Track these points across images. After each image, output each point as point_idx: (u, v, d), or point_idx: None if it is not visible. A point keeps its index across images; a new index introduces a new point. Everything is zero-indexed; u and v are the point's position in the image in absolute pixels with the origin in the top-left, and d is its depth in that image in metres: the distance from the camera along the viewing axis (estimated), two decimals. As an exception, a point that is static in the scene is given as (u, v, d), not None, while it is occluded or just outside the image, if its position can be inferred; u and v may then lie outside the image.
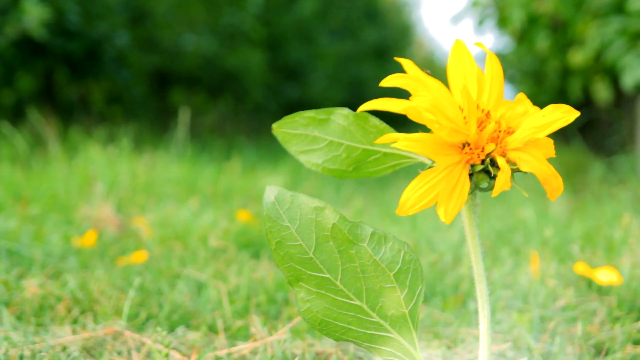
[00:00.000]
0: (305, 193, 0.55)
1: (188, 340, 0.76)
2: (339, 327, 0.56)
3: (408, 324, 0.55)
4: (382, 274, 0.54)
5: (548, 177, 0.55)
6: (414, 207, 0.53)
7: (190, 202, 1.27)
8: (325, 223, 0.54)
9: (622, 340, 0.78)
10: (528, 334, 0.79)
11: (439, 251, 1.06)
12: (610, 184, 2.12)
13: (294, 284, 0.55)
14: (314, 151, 0.60)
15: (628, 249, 1.05)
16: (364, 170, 0.60)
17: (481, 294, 0.56)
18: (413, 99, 0.54)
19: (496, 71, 0.58)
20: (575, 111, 0.56)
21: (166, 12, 3.92)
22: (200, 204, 1.32)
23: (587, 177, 2.34)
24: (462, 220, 0.58)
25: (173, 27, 4.05)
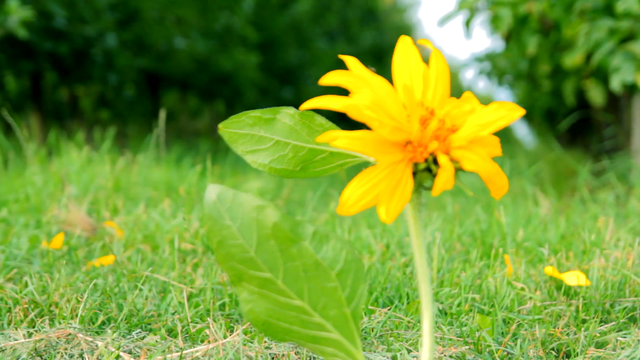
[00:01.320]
0: (290, 197, 0.54)
1: (145, 344, 0.75)
2: (282, 328, 0.55)
3: (350, 324, 0.54)
4: (323, 273, 0.53)
5: (492, 176, 0.54)
6: (355, 206, 0.52)
7: (165, 204, 1.26)
8: (266, 222, 0.53)
9: (585, 343, 0.77)
10: (490, 337, 0.78)
11: (409, 254, 1.05)
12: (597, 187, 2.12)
13: (236, 284, 0.55)
14: (260, 151, 0.59)
15: (600, 252, 1.04)
16: (312, 170, 0.60)
17: (425, 295, 0.55)
18: (354, 97, 0.53)
19: (441, 68, 0.58)
20: (520, 109, 0.55)
21: (157, 14, 3.92)
22: (175, 206, 1.32)
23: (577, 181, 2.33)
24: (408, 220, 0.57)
25: (164, 29, 4.05)
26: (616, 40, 2.02)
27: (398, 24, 11.31)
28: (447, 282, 0.94)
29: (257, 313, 0.54)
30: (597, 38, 2.10)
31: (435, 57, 0.57)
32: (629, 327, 0.82)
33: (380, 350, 0.76)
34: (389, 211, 0.52)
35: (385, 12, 10.68)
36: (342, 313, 0.54)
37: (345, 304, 0.54)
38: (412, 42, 0.57)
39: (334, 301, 0.53)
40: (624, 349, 0.76)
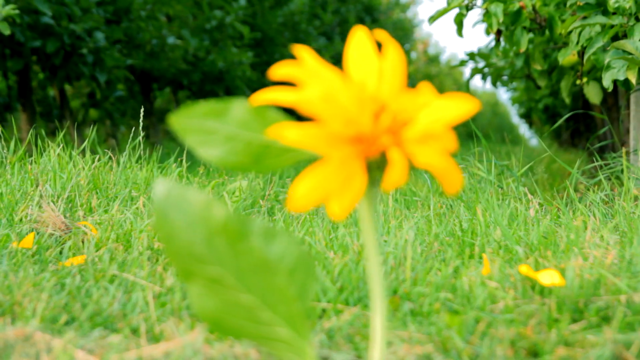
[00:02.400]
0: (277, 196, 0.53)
1: (107, 343, 0.73)
2: (233, 325, 0.54)
3: (300, 321, 0.53)
4: (272, 270, 0.52)
5: (444, 171, 0.53)
6: (304, 201, 0.51)
7: (140, 203, 1.25)
8: (215, 218, 0.52)
9: (555, 342, 0.76)
10: (458, 336, 0.77)
11: (385, 253, 1.03)
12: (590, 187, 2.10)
13: (186, 281, 0.53)
14: (212, 144, 0.58)
15: (578, 252, 1.03)
16: (265, 164, 0.58)
17: (376, 293, 0.53)
18: (304, 90, 0.52)
19: (396, 61, 0.56)
20: (475, 100, 0.54)
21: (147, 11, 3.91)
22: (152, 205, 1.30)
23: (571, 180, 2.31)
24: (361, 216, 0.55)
25: (155, 27, 4.03)
26: (608, 38, 2.01)
27: (398, 22, 11.28)
28: (421, 281, 0.93)
29: (208, 310, 0.53)
30: (589, 35, 2.09)
31: (390, 50, 0.55)
32: (601, 326, 0.81)
33: (347, 350, 0.75)
34: (341, 207, 0.51)
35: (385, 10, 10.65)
36: (292, 310, 0.52)
37: (295, 301, 0.52)
38: (367, 34, 0.56)
39: (284, 298, 0.52)
40: (594, 348, 0.75)
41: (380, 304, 0.53)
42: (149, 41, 4.03)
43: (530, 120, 8.57)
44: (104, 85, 3.64)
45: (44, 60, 3.38)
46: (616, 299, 0.86)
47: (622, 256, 1.02)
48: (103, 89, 3.72)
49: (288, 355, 0.53)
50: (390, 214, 1.48)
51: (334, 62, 8.23)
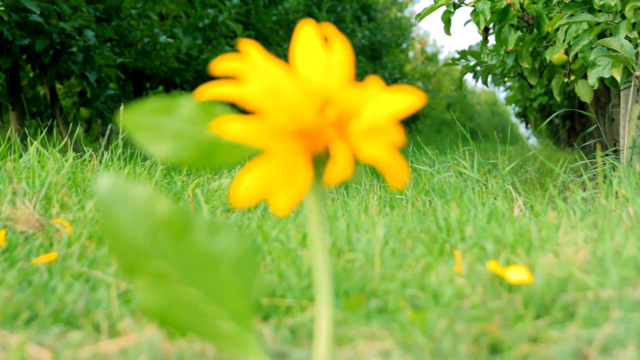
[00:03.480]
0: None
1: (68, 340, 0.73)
2: (179, 320, 0.53)
3: (245, 316, 0.53)
4: (216, 263, 0.52)
5: (389, 165, 0.53)
6: (248, 196, 0.51)
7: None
8: (159, 213, 0.52)
9: (518, 338, 0.76)
10: (421, 332, 0.76)
11: (357, 250, 1.03)
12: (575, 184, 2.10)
13: (131, 276, 0.53)
14: (161, 140, 0.58)
15: (550, 249, 1.03)
16: (214, 160, 0.58)
17: (322, 289, 0.53)
18: (248, 83, 0.52)
19: (343, 55, 0.56)
20: (420, 94, 0.54)
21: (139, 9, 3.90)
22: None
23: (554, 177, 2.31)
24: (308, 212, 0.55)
25: (147, 25, 4.03)
26: (594, 35, 2.00)
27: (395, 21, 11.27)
28: (389, 277, 0.93)
29: (153, 304, 0.53)
30: (576, 33, 2.09)
31: (337, 43, 0.55)
32: (566, 322, 0.81)
33: (308, 346, 0.75)
34: (285, 201, 0.51)
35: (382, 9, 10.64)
36: (237, 304, 0.52)
37: (239, 295, 0.52)
38: (314, 29, 0.56)
39: (229, 292, 0.52)
40: (556, 344, 0.75)
41: (326, 300, 0.53)
42: (141, 39, 4.02)
43: (526, 119, 8.57)
44: (95, 83, 3.63)
45: (33, 58, 3.37)
46: (583, 295, 0.86)
47: (594, 253, 1.01)
48: (94, 88, 3.71)
49: (233, 350, 0.53)
50: (373, 212, 1.48)
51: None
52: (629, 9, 1.86)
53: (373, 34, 10.01)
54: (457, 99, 16.19)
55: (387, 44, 10.56)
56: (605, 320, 0.79)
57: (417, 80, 13.32)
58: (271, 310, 0.84)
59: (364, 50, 9.59)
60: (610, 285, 0.87)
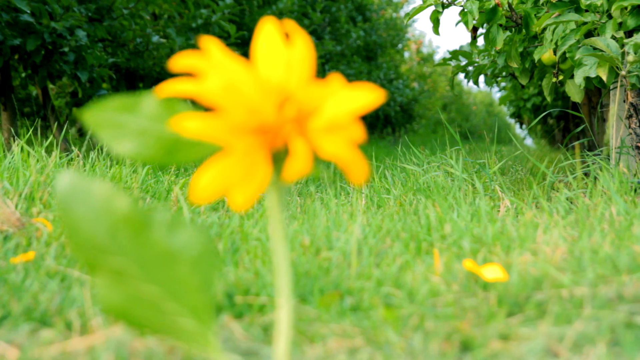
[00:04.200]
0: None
1: (36, 338, 0.73)
2: (139, 317, 0.53)
3: (204, 312, 0.53)
4: (175, 260, 0.52)
5: (349, 162, 0.53)
6: (207, 193, 0.51)
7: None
8: (119, 210, 0.52)
9: (489, 336, 0.76)
10: (393, 330, 0.76)
11: (335, 248, 1.03)
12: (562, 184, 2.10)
13: (91, 273, 0.53)
14: (124, 138, 0.58)
15: (527, 247, 1.03)
16: (178, 157, 0.58)
17: (283, 288, 0.53)
18: (206, 80, 0.52)
19: (304, 52, 0.56)
20: (379, 90, 0.54)
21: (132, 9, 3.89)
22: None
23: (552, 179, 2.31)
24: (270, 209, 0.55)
25: (140, 25, 4.02)
26: (581, 35, 2.01)
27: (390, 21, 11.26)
28: (366, 276, 0.93)
29: (113, 301, 0.53)
30: (563, 33, 2.09)
31: (298, 40, 0.55)
32: (538, 320, 0.81)
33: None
34: (243, 198, 0.51)
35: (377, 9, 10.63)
36: (196, 300, 0.52)
37: (198, 291, 0.52)
38: (275, 25, 0.56)
39: (188, 288, 0.52)
40: (527, 342, 0.75)
41: (286, 297, 0.53)
42: (133, 40, 4.02)
43: (520, 119, 8.58)
44: (87, 84, 3.62)
45: (25, 58, 3.37)
46: (557, 293, 0.86)
47: (571, 252, 1.01)
48: (86, 88, 3.71)
49: (192, 346, 0.53)
50: (359, 211, 1.48)
51: (323, 61, 8.22)
52: (615, 9, 1.86)
53: (368, 34, 10.01)
54: (453, 99, 16.19)
55: (382, 44, 10.55)
56: (578, 317, 0.79)
57: (412, 81, 13.32)
58: (245, 308, 0.84)
59: (359, 51, 9.59)
60: (585, 283, 0.87)
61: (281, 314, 0.52)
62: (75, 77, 3.47)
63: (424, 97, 13.42)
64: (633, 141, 2.06)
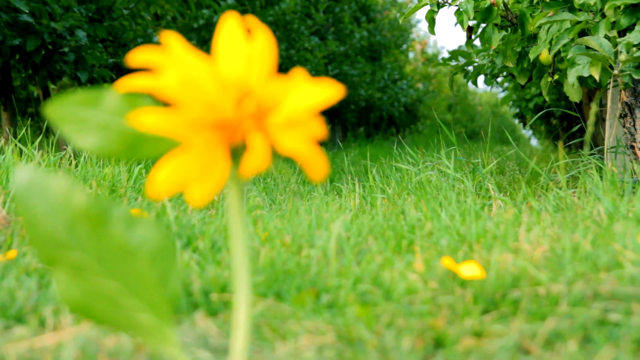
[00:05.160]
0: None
1: (8, 334, 0.73)
2: (98, 312, 0.54)
3: (162, 307, 0.53)
4: (134, 255, 0.52)
5: (308, 158, 0.53)
6: (164, 188, 0.51)
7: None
8: (78, 204, 0.52)
9: (462, 333, 0.76)
10: (366, 327, 0.76)
11: (317, 246, 1.03)
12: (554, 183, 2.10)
13: (51, 268, 0.53)
14: (87, 132, 0.58)
15: (507, 246, 1.03)
16: (140, 152, 0.58)
17: (241, 284, 0.53)
18: (164, 75, 0.52)
19: (265, 47, 0.56)
20: (338, 86, 0.54)
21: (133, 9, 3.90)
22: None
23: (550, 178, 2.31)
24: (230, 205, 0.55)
25: (142, 25, 4.03)
26: (574, 34, 2.00)
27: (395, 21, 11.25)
28: (344, 273, 0.93)
29: (73, 296, 0.53)
30: (558, 32, 2.08)
31: (260, 35, 0.55)
32: (512, 317, 0.81)
33: (251, 341, 0.75)
34: (201, 194, 0.51)
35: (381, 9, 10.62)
36: (155, 296, 0.52)
37: (157, 287, 0.52)
38: (237, 21, 0.56)
39: (146, 284, 0.52)
40: (499, 338, 0.75)
41: (245, 294, 0.53)
42: (134, 40, 4.03)
43: (524, 120, 8.56)
44: (87, 84, 3.64)
45: (25, 58, 3.38)
46: (534, 290, 0.86)
47: (553, 250, 1.01)
48: (87, 88, 3.72)
49: (151, 341, 0.53)
50: (348, 209, 1.48)
51: (326, 61, 8.21)
52: (608, 8, 1.85)
53: (372, 34, 10.00)
54: (459, 100, 16.16)
55: (386, 45, 10.54)
56: (552, 315, 0.79)
57: (417, 82, 13.31)
58: (221, 305, 0.84)
59: (363, 51, 9.59)
60: (563, 280, 0.87)
61: (239, 310, 0.52)
62: (76, 77, 3.48)
63: (429, 98, 13.40)
64: (627, 140, 2.06)
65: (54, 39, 3.36)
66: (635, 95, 2.02)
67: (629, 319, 0.76)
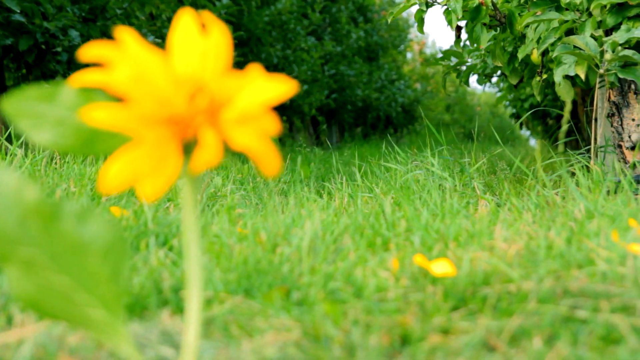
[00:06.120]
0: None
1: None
2: (50, 307, 0.53)
3: (114, 302, 0.53)
4: (85, 251, 0.52)
5: (260, 154, 0.53)
6: (116, 183, 0.51)
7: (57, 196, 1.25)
8: (28, 200, 0.52)
9: (429, 330, 0.76)
10: (333, 325, 0.76)
11: (292, 244, 1.03)
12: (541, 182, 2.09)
13: (3, 264, 0.53)
14: (43, 127, 0.58)
15: (486, 243, 1.03)
16: (96, 147, 0.58)
17: (193, 278, 0.53)
18: (115, 70, 0.52)
19: (220, 43, 0.56)
20: (290, 82, 0.54)
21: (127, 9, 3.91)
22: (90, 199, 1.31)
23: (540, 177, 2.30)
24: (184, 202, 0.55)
25: (136, 25, 4.03)
26: (561, 33, 2.00)
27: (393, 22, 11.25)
28: (317, 271, 0.93)
29: (25, 292, 0.53)
30: (546, 31, 2.08)
31: (214, 31, 0.55)
32: (480, 314, 0.81)
33: (218, 338, 0.75)
34: (153, 189, 0.51)
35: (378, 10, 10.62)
36: (106, 291, 0.52)
37: (108, 282, 0.52)
38: (192, 17, 0.56)
39: (98, 279, 0.52)
40: (465, 335, 0.75)
41: (196, 290, 0.53)
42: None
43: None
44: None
45: (18, 58, 3.38)
46: (505, 287, 0.86)
47: (528, 247, 1.01)
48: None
49: (102, 336, 0.53)
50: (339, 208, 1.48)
51: (323, 62, 8.21)
52: (594, 7, 1.85)
53: (369, 35, 10.01)
54: (457, 100, 16.16)
55: (384, 45, 10.55)
56: (521, 311, 0.79)
57: (415, 82, 13.32)
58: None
59: (360, 52, 9.59)
60: (534, 278, 0.87)
61: (191, 305, 0.52)
62: (68, 77, 3.48)
63: (427, 98, 13.40)
64: (615, 139, 2.06)
65: (47, 38, 3.36)
66: (622, 95, 2.02)
67: (595, 316, 0.76)
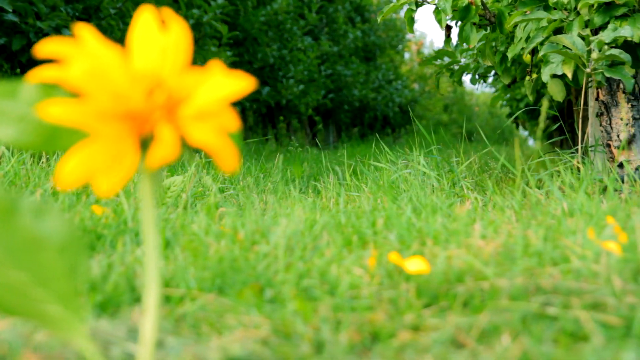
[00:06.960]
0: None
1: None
2: (7, 303, 0.54)
3: (71, 298, 0.53)
4: (42, 246, 0.52)
5: (218, 150, 0.53)
6: (72, 179, 0.51)
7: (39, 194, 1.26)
8: (-15, 196, 0.52)
9: (400, 327, 0.76)
10: (303, 322, 0.76)
11: (270, 242, 1.03)
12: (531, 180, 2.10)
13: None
14: (5, 124, 0.58)
15: (463, 241, 1.03)
16: (57, 144, 0.58)
17: (151, 274, 0.53)
18: (71, 66, 0.52)
19: (179, 39, 0.56)
20: (248, 79, 0.54)
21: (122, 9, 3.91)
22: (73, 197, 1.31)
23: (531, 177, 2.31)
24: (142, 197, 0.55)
25: (129, 25, 4.03)
26: (549, 32, 2.00)
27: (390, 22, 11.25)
28: (291, 268, 0.93)
29: (-17, 288, 0.53)
30: (534, 30, 2.08)
31: (174, 27, 0.55)
32: (451, 311, 0.81)
33: (188, 335, 0.75)
34: (109, 185, 0.51)
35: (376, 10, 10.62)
36: (63, 287, 0.52)
37: (65, 278, 0.52)
38: (152, 14, 0.56)
39: (54, 275, 0.52)
40: (435, 332, 0.75)
41: (154, 287, 0.53)
42: (121, 40, 4.03)
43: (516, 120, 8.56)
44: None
45: (12, 58, 3.38)
46: (479, 285, 0.86)
47: (506, 245, 1.01)
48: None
49: (59, 332, 0.53)
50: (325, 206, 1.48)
51: (319, 62, 8.20)
52: (581, 6, 1.86)
53: (367, 35, 10.01)
54: (455, 100, 16.18)
55: (381, 45, 10.55)
56: (493, 308, 0.79)
57: (413, 82, 13.32)
58: (164, 299, 0.84)
59: (357, 52, 9.59)
60: (508, 275, 0.87)
61: (149, 300, 0.52)
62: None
63: (425, 98, 13.41)
64: (604, 139, 2.06)
65: (40, 38, 3.36)
66: (611, 94, 2.02)
67: (566, 313, 0.76)
